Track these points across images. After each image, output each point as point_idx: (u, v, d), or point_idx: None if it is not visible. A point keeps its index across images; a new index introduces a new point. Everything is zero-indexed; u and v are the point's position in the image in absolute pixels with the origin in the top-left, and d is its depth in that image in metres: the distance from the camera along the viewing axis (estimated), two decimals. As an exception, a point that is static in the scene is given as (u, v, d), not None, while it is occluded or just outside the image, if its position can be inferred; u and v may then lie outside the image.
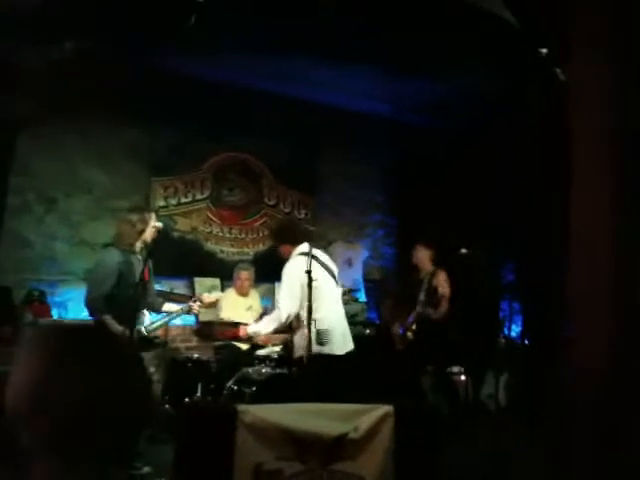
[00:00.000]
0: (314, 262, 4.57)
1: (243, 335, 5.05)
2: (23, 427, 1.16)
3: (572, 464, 2.55)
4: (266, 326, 4.80)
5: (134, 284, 4.42)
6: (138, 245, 4.61)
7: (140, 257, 4.61)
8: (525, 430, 5.41)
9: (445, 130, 7.79)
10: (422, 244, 6.50)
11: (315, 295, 4.43)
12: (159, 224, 4.79)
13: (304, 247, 4.70)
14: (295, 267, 4.58)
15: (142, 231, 4.58)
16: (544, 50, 4.18)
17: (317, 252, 4.78)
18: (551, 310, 6.46)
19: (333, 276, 4.75)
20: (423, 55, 5.55)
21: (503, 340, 6.90)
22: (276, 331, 4.93)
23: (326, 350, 4.49)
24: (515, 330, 7.48)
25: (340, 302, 4.80)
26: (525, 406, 6.12)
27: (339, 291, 4.82)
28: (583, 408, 2.43)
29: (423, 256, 6.47)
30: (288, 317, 4.55)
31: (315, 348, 4.46)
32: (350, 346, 4.71)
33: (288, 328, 4.83)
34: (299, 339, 4.63)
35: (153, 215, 4.76)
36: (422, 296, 6.30)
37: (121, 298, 4.38)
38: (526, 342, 7.35)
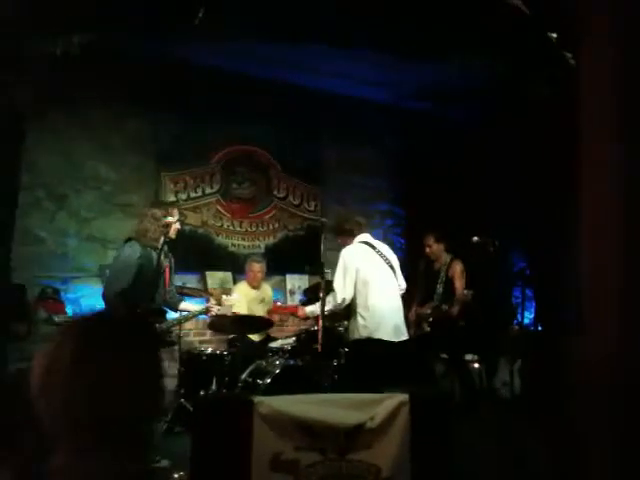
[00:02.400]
0: (371, 251, 4.66)
1: (301, 315, 5.25)
2: (42, 413, 1.20)
3: (585, 451, 2.55)
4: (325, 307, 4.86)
5: (153, 280, 4.40)
6: (161, 240, 4.56)
7: (162, 253, 4.57)
8: (538, 417, 5.40)
9: (452, 117, 7.76)
10: (433, 236, 6.49)
11: (368, 282, 4.53)
12: (177, 218, 4.78)
13: (364, 236, 4.78)
14: (353, 252, 4.68)
15: (167, 226, 4.55)
16: (554, 35, 4.15)
17: (377, 243, 4.85)
18: (563, 296, 6.45)
19: (391, 267, 4.76)
20: (430, 41, 5.52)
21: (516, 327, 6.89)
22: (333, 313, 5.00)
23: (377, 337, 4.56)
24: (528, 317, 7.46)
25: (396, 292, 4.81)
26: (539, 392, 6.11)
27: (395, 282, 4.81)
28: (595, 394, 2.43)
29: (436, 249, 6.47)
30: (343, 300, 4.63)
31: (364, 334, 4.60)
32: (402, 336, 4.75)
33: (345, 311, 4.88)
34: (352, 324, 4.68)
35: (176, 210, 4.73)
36: (440, 288, 6.29)
37: (139, 293, 4.36)
38: (539, 329, 7.34)
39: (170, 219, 4.59)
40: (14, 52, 5.41)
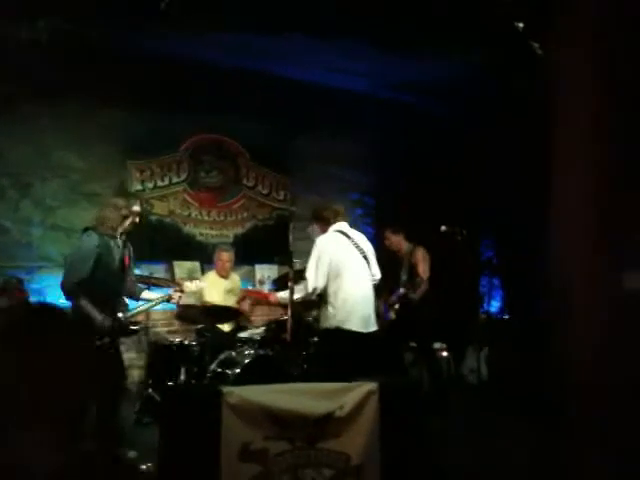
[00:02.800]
0: (346, 240, 4.62)
1: (273, 300, 5.22)
2: None
3: (554, 435, 2.59)
4: (295, 294, 4.83)
5: (113, 269, 4.39)
6: (119, 230, 4.57)
7: (120, 242, 4.57)
8: (506, 403, 5.48)
9: (425, 109, 7.79)
10: (390, 230, 6.55)
11: (340, 272, 4.50)
12: (137, 207, 4.75)
13: (340, 225, 4.73)
14: (327, 242, 4.63)
15: (126, 216, 4.54)
16: (520, 24, 4.17)
17: (352, 232, 4.81)
18: (530, 285, 6.54)
19: (365, 257, 4.74)
20: (403, 32, 5.52)
21: (483, 315, 6.97)
22: (303, 302, 4.99)
23: (346, 327, 4.54)
24: (495, 305, 7.55)
25: (368, 283, 4.77)
26: (505, 380, 6.19)
27: (369, 272, 4.78)
28: (565, 381, 2.45)
29: (396, 240, 6.53)
30: (315, 289, 4.60)
31: (334, 323, 4.57)
32: (371, 327, 4.71)
33: (317, 300, 4.84)
34: (323, 312, 4.68)
35: (138, 201, 4.73)
36: (403, 276, 6.35)
37: (99, 283, 4.34)
38: (505, 317, 7.44)
39: (135, 209, 4.57)
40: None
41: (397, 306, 6.26)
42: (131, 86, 6.45)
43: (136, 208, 4.63)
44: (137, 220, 4.65)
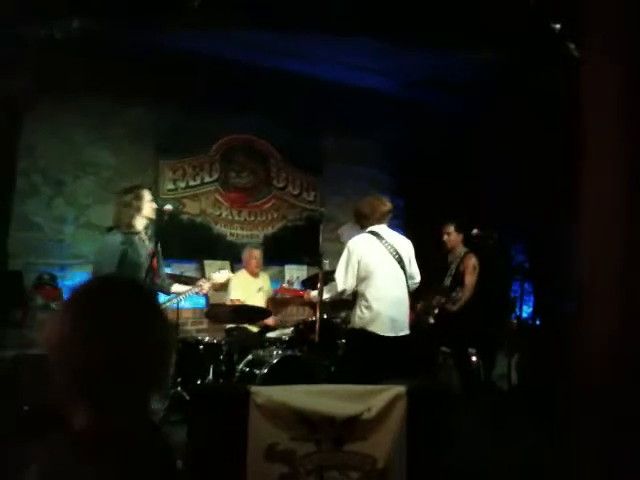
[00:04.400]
0: (378, 242, 4.58)
1: (307, 298, 5.22)
2: (56, 375, 1.25)
3: (580, 446, 2.53)
4: (325, 294, 4.82)
5: (140, 264, 4.43)
6: (139, 224, 4.59)
7: (145, 237, 4.61)
8: (536, 410, 5.40)
9: (454, 108, 7.71)
10: (454, 225, 6.39)
11: (370, 274, 4.48)
12: (169, 206, 4.79)
13: (377, 227, 4.69)
14: (358, 243, 4.60)
15: (138, 209, 4.57)
16: (557, 25, 4.10)
17: (389, 233, 4.74)
18: (562, 290, 6.43)
19: (399, 259, 4.69)
20: (430, 30, 5.47)
21: (514, 321, 6.87)
22: (334, 301, 4.99)
23: (370, 329, 4.51)
24: (526, 311, 7.45)
25: (401, 286, 4.69)
26: (536, 386, 6.10)
27: (402, 275, 4.68)
28: (592, 390, 2.40)
29: (455, 238, 6.38)
30: (344, 291, 4.59)
31: (360, 324, 4.55)
32: (401, 332, 4.63)
33: (348, 300, 4.83)
34: (352, 313, 4.68)
35: (147, 192, 4.72)
36: (448, 281, 6.25)
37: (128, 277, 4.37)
38: (537, 322, 7.33)
39: (146, 200, 4.59)
40: (12, 37, 5.37)
41: (436, 311, 6.18)
42: (163, 85, 6.49)
43: (147, 198, 4.63)
44: (153, 209, 4.66)
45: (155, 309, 1.36)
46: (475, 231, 5.90)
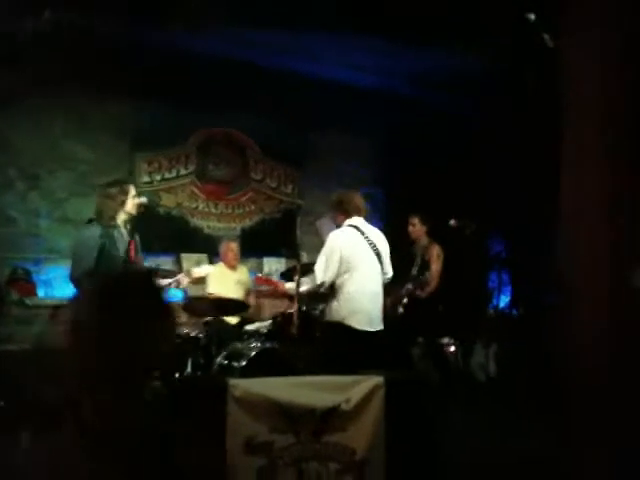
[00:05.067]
0: (359, 236, 4.56)
1: (281, 289, 5.26)
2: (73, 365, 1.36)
3: (561, 433, 2.55)
4: (301, 287, 4.79)
5: (118, 257, 4.40)
6: (121, 218, 4.57)
7: (124, 231, 4.58)
8: (514, 400, 5.45)
9: (435, 103, 7.73)
10: (418, 217, 6.47)
11: (350, 268, 4.46)
12: (143, 199, 4.75)
13: (356, 220, 4.67)
14: (339, 237, 4.58)
15: (122, 203, 4.54)
16: (531, 16, 4.11)
17: (368, 228, 4.72)
18: (540, 281, 6.49)
19: (377, 254, 4.68)
20: (410, 26, 5.47)
21: (492, 311, 6.93)
22: (312, 294, 4.93)
23: (347, 323, 4.50)
24: (504, 301, 7.50)
25: (378, 280, 4.69)
26: (514, 376, 6.16)
27: (379, 269, 4.68)
28: (581, 383, 2.42)
29: (420, 230, 6.46)
30: (322, 283, 4.56)
31: (337, 318, 4.53)
32: (377, 326, 4.63)
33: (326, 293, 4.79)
34: (328, 305, 4.65)
35: (132, 187, 4.70)
36: (414, 271, 6.30)
37: (107, 272, 4.35)
38: (515, 312, 7.39)
39: (130, 195, 4.56)
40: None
41: (405, 301, 6.22)
42: (140, 79, 6.42)
43: (132, 194, 4.61)
44: (136, 204, 4.63)
45: (161, 303, 1.46)
46: (452, 221, 5.93)
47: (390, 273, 4.85)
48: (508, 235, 7.78)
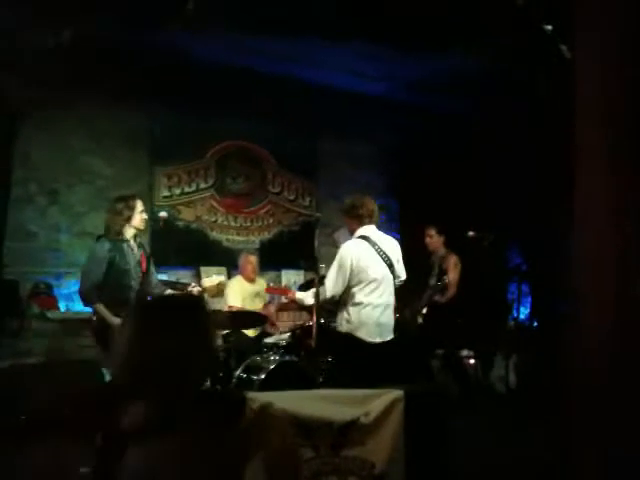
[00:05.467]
0: (370, 249, 4.54)
1: (291, 296, 5.14)
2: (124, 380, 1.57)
3: (577, 447, 2.53)
4: (310, 298, 4.78)
5: (128, 271, 4.46)
6: (129, 233, 4.62)
7: (134, 245, 4.63)
8: (535, 412, 5.39)
9: (449, 112, 7.72)
10: (434, 228, 6.47)
11: (360, 281, 4.45)
12: (164, 213, 4.80)
13: (366, 229, 4.65)
14: (350, 250, 4.55)
15: (129, 218, 4.60)
16: (549, 27, 4.10)
17: (379, 236, 4.69)
18: (559, 291, 6.43)
19: (389, 264, 4.66)
20: (423, 34, 5.47)
21: (512, 323, 6.87)
22: (331, 306, 4.89)
23: (357, 335, 4.48)
24: (523, 312, 7.45)
25: (390, 291, 4.66)
26: (534, 388, 6.10)
27: (391, 280, 4.65)
28: (588, 391, 2.40)
29: (437, 241, 6.46)
30: (332, 297, 4.55)
31: (346, 329, 4.51)
32: (387, 337, 4.60)
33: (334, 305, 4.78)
34: (339, 315, 4.63)
35: (139, 202, 4.75)
36: (432, 281, 6.29)
37: (115, 286, 4.42)
38: (534, 324, 7.33)
39: (137, 209, 4.61)
40: (8, 43, 5.36)
41: (424, 311, 6.20)
42: (159, 92, 6.49)
43: (139, 208, 4.66)
44: (144, 218, 4.69)
45: (204, 320, 1.67)
46: (471, 233, 5.91)
47: (403, 276, 4.80)
48: (528, 247, 7.73)
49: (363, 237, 4.61)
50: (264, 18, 5.38)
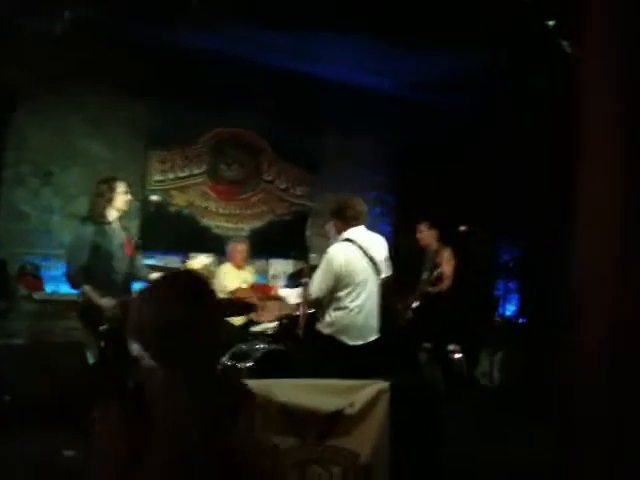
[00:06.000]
0: (357, 251, 4.49)
1: (273, 294, 5.13)
2: (145, 348, 1.60)
3: (566, 444, 2.54)
4: (294, 298, 4.76)
5: (112, 253, 4.48)
6: (112, 215, 4.64)
7: (116, 227, 4.64)
8: (519, 408, 5.44)
9: (447, 108, 7.72)
10: (426, 223, 6.49)
11: (345, 286, 4.41)
12: (155, 197, 4.81)
13: (354, 231, 4.56)
14: (337, 254, 4.48)
15: (110, 200, 4.61)
16: (551, 22, 4.09)
17: (366, 237, 4.60)
18: (548, 290, 6.47)
19: (375, 265, 4.58)
20: (425, 30, 5.46)
21: (498, 319, 6.92)
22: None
23: (339, 338, 4.45)
24: (510, 309, 7.49)
25: (375, 293, 4.61)
26: (519, 384, 6.14)
27: (375, 281, 4.59)
28: (588, 391, 2.41)
29: (429, 235, 6.47)
30: (316, 299, 4.52)
31: (328, 332, 4.47)
32: (370, 337, 4.56)
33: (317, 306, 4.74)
34: (321, 316, 4.57)
35: (121, 183, 4.75)
36: (425, 275, 6.30)
37: (100, 268, 4.44)
38: (520, 321, 7.37)
39: (119, 190, 4.65)
40: (8, 28, 5.33)
41: (415, 304, 6.21)
42: (154, 78, 6.46)
43: (120, 190, 4.67)
44: (126, 200, 4.69)
45: (209, 294, 1.71)
46: (463, 227, 5.94)
47: (388, 273, 4.77)
48: (517, 242, 7.76)
49: (349, 240, 4.55)
50: (269, 11, 5.35)
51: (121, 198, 4.66)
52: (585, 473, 2.24)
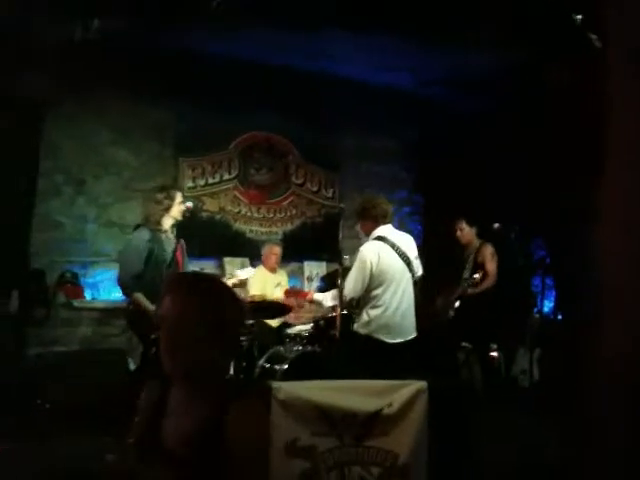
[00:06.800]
0: (389, 248, 4.51)
1: (308, 298, 5.23)
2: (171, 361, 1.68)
3: (604, 443, 2.50)
4: (330, 300, 4.79)
5: (165, 260, 4.50)
6: (167, 223, 4.67)
7: (171, 236, 4.67)
8: (557, 407, 5.36)
9: (472, 105, 7.66)
10: (465, 221, 6.42)
11: (380, 284, 4.42)
12: (189, 203, 4.85)
13: (383, 230, 4.61)
14: (369, 252, 4.51)
15: (168, 208, 4.65)
16: (578, 16, 4.04)
17: (396, 235, 4.65)
18: (584, 285, 6.37)
19: (407, 263, 4.62)
20: (447, 27, 5.42)
21: (536, 316, 6.82)
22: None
23: (377, 336, 4.46)
24: (548, 306, 7.39)
25: (410, 290, 4.64)
26: (558, 382, 6.06)
27: (410, 279, 4.63)
28: (617, 388, 2.37)
29: (468, 233, 6.40)
30: (351, 300, 4.55)
31: (365, 331, 4.49)
32: (409, 336, 4.59)
33: (354, 307, 4.75)
34: (358, 317, 4.62)
35: (179, 193, 4.80)
36: (467, 274, 6.24)
37: (151, 275, 4.46)
38: (559, 318, 7.27)
39: (177, 200, 4.67)
40: (35, 38, 5.42)
41: (457, 304, 6.15)
42: (182, 84, 6.52)
43: (178, 199, 4.71)
44: (182, 209, 4.72)
45: (230, 296, 1.76)
46: (496, 225, 5.87)
47: (420, 271, 4.75)
48: (552, 238, 7.66)
49: (380, 238, 4.56)
50: (288, 12, 5.37)
51: (178, 207, 4.71)
52: (617, 470, 2.20)
